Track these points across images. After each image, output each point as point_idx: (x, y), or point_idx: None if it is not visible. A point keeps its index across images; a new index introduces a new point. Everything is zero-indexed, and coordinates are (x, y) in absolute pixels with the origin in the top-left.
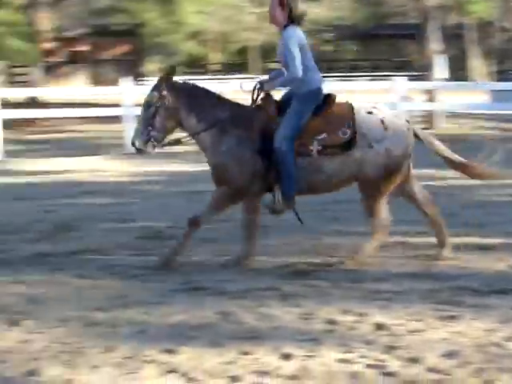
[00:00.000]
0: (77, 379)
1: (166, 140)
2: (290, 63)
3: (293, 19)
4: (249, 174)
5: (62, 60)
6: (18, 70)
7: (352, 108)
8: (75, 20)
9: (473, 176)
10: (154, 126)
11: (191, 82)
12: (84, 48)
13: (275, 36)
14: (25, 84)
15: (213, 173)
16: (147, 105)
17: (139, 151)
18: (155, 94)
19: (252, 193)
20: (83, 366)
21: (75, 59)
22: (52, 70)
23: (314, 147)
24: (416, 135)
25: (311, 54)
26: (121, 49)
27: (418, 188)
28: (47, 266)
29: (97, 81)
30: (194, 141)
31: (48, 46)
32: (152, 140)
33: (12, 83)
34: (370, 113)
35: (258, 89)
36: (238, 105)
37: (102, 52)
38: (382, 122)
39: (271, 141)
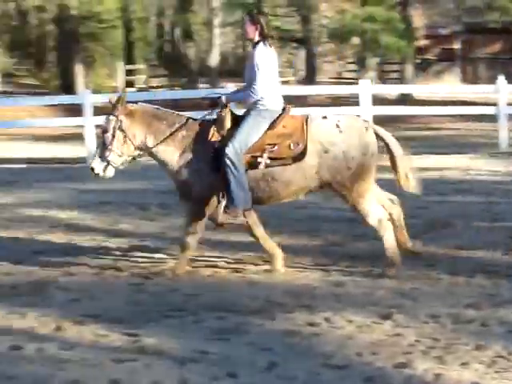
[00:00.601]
0: (446, 374)
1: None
2: (255, 82)
3: (264, 36)
4: (206, 186)
5: (433, 57)
6: (390, 67)
7: (306, 119)
8: (448, 17)
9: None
10: (111, 150)
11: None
12: (456, 46)
13: None
14: (397, 81)
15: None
16: (103, 130)
17: (97, 176)
18: (111, 119)
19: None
20: (453, 362)
21: (447, 57)
22: (424, 68)
23: (263, 160)
24: (377, 134)
25: (276, 73)
26: (493, 47)
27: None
28: (420, 262)
29: (468, 79)
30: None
31: (421, 43)
32: (110, 163)
33: (384, 79)
34: (324, 117)
35: (217, 101)
36: (193, 120)
37: (475, 50)
38: (337, 125)
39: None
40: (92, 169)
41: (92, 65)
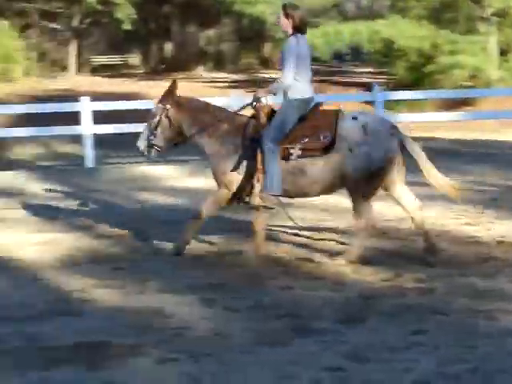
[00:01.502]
0: None
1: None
2: (284, 71)
3: (297, 28)
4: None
5: None
6: None
7: (337, 114)
8: None
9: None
10: (155, 134)
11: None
12: None
13: None
14: None
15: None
16: (152, 116)
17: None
18: (159, 106)
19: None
20: None
21: None
22: None
23: (295, 151)
24: (402, 143)
25: (309, 64)
26: None
27: (405, 193)
28: None
29: None
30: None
31: None
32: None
33: None
34: (354, 118)
35: (255, 99)
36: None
37: None
38: (364, 127)
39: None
40: (138, 148)
41: None
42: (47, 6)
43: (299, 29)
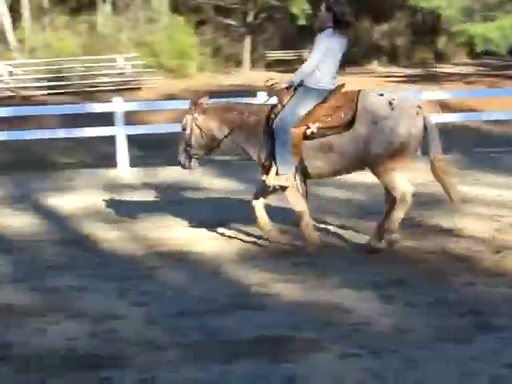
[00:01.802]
0: None
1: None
2: (308, 59)
3: (337, 23)
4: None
5: None
6: None
7: (358, 92)
8: None
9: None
10: (191, 145)
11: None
12: None
13: None
14: None
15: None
16: (183, 128)
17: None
18: (189, 117)
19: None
20: None
21: None
22: None
23: (314, 129)
24: (425, 123)
25: (337, 59)
26: None
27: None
28: None
29: None
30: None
31: None
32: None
33: None
34: (381, 95)
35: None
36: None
37: None
38: (390, 103)
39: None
40: (179, 163)
41: None
42: (222, 1)
43: (339, 24)
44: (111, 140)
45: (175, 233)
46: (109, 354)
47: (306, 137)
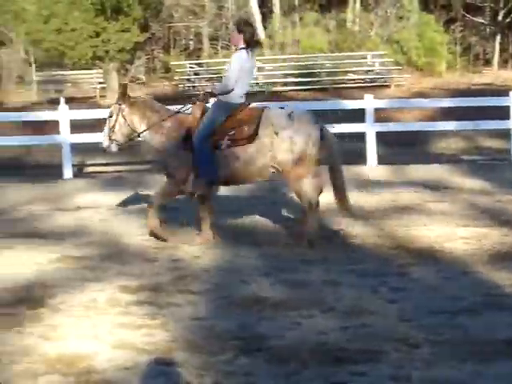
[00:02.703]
0: None
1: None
2: (228, 76)
3: (247, 43)
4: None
5: None
6: None
7: (263, 108)
8: None
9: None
10: (114, 131)
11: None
12: None
13: None
14: None
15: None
16: (109, 115)
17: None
18: (116, 106)
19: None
20: None
21: None
22: None
23: (225, 142)
24: (323, 134)
25: (249, 77)
26: None
27: None
28: None
29: None
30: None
31: None
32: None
33: None
34: (281, 108)
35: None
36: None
37: None
38: (289, 115)
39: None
40: (102, 145)
41: None
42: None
43: (249, 44)
44: (357, 137)
45: (427, 231)
46: (360, 348)
47: (216, 147)
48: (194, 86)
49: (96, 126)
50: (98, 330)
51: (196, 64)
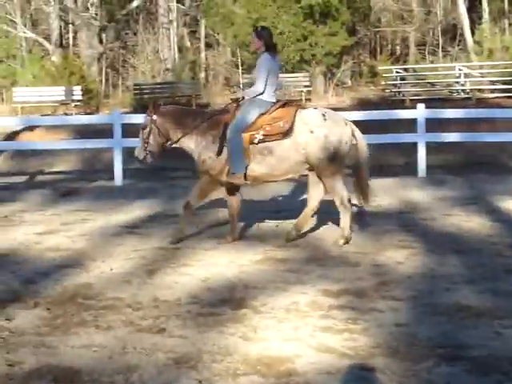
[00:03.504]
0: None
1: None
2: (257, 80)
3: (267, 47)
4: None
5: None
6: None
7: (296, 107)
8: None
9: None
10: (149, 142)
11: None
12: None
13: None
14: None
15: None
16: (143, 127)
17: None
18: (148, 118)
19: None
20: None
21: None
22: None
23: (259, 136)
24: (353, 134)
25: (276, 77)
26: None
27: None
28: None
29: None
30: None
31: None
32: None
33: None
34: (315, 108)
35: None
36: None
37: None
38: (323, 114)
39: None
40: (137, 157)
41: None
42: None
43: (269, 47)
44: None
45: None
46: None
47: (252, 142)
48: (399, 92)
49: None
50: (299, 332)
51: (402, 69)
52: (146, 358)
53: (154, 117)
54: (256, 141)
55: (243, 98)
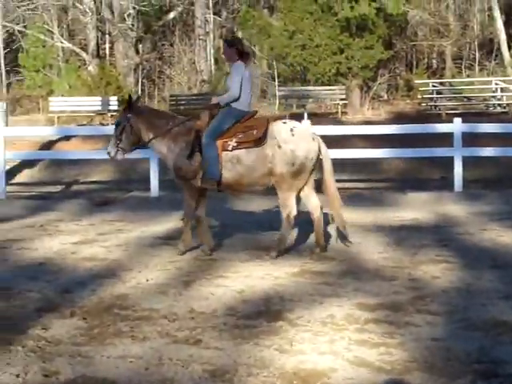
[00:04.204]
0: None
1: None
2: (232, 86)
3: (240, 55)
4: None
5: None
6: None
7: (268, 119)
8: None
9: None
10: (121, 139)
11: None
12: None
13: None
14: None
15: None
16: (117, 123)
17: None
18: (122, 115)
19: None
20: None
21: None
22: None
23: (232, 143)
24: (320, 149)
25: (249, 86)
26: None
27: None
28: None
29: None
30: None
31: None
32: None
33: None
34: (284, 123)
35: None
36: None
37: None
38: (291, 129)
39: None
40: (108, 153)
41: None
42: None
43: (242, 56)
44: None
45: None
46: None
47: (225, 149)
48: (435, 106)
49: (337, 141)
50: (335, 346)
51: (439, 83)
52: (182, 369)
53: (129, 115)
54: (230, 148)
55: (218, 104)
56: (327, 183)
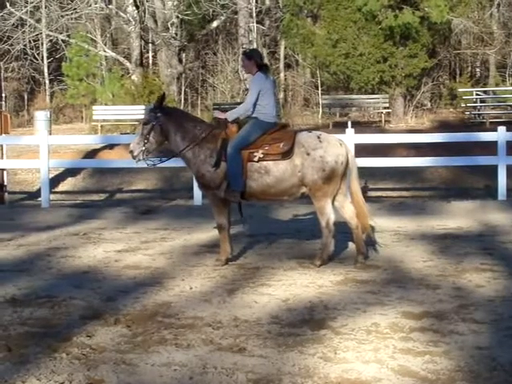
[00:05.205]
0: None
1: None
2: (247, 99)
3: (259, 68)
4: (219, 176)
5: None
6: None
7: (295, 131)
8: None
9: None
10: (148, 139)
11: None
12: None
13: None
14: None
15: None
16: (144, 122)
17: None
18: (152, 114)
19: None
20: None
21: None
22: None
23: (258, 155)
24: (347, 155)
25: (273, 97)
26: None
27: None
28: None
29: None
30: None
31: None
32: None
33: None
34: (309, 131)
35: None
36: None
37: None
38: (318, 137)
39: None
40: (131, 151)
41: None
42: None
43: (261, 67)
44: None
45: None
46: None
47: (250, 160)
48: (479, 114)
49: (380, 150)
50: (379, 354)
51: (483, 91)
52: (227, 378)
53: (159, 114)
54: (256, 159)
55: (226, 119)
56: (353, 190)
